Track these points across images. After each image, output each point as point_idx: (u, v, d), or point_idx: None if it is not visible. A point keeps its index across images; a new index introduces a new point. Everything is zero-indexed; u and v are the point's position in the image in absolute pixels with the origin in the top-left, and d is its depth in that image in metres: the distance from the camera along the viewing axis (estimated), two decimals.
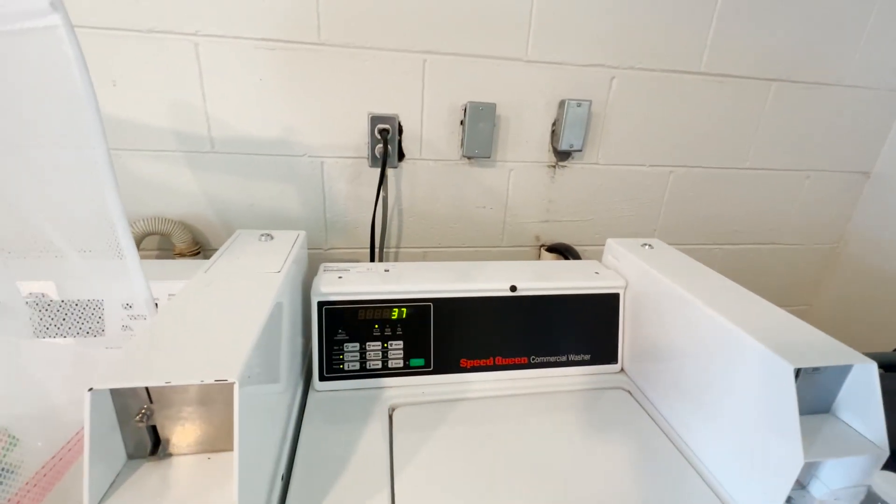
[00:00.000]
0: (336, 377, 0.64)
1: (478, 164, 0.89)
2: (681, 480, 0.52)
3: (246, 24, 0.72)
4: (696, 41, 0.87)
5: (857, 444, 0.44)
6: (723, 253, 1.09)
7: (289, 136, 0.81)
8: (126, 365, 0.35)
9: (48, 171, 0.44)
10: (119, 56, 0.71)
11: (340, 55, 0.77)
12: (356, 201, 0.87)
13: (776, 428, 0.44)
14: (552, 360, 0.69)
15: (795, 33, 0.90)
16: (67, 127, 0.43)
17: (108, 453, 0.35)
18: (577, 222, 0.98)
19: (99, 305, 0.56)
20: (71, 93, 0.42)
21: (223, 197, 0.83)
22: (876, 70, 0.97)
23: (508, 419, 0.61)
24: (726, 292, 0.59)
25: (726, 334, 0.51)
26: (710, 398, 0.54)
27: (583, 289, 0.70)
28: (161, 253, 0.85)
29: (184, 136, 0.78)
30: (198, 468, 0.37)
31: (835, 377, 0.47)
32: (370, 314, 0.64)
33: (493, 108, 0.83)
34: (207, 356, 0.37)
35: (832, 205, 1.10)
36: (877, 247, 1.07)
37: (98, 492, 0.34)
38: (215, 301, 0.47)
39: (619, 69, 0.87)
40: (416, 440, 0.56)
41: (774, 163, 1.02)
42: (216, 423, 0.38)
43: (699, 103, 0.92)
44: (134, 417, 0.36)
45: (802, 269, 1.16)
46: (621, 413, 0.64)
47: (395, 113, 0.82)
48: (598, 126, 0.90)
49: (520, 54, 0.82)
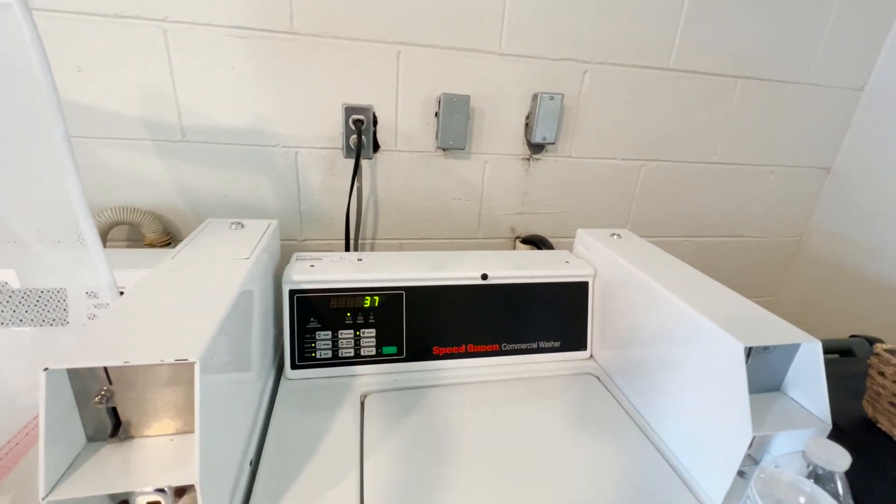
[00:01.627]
0: (308, 365, 0.64)
1: (453, 156, 0.90)
2: (642, 459, 0.54)
3: (216, 10, 0.72)
4: (664, 38, 0.89)
5: (802, 419, 0.46)
6: (693, 245, 1.12)
7: (262, 126, 0.80)
8: (84, 345, 0.35)
9: (6, 156, 0.43)
10: (84, 41, 0.69)
11: (314, 45, 0.76)
12: (331, 192, 0.87)
13: (728, 404, 0.46)
14: (523, 347, 0.71)
15: (760, 32, 0.93)
16: (25, 111, 0.43)
17: (66, 435, 0.35)
18: (551, 214, 1.00)
19: (62, 294, 0.55)
20: (28, 76, 0.41)
21: (195, 187, 0.82)
22: (836, 69, 1.01)
23: (479, 405, 0.62)
24: (687, 279, 0.61)
25: (684, 317, 0.53)
26: (669, 379, 0.56)
27: (553, 277, 0.71)
28: (131, 243, 0.83)
29: (153, 124, 0.76)
30: (160, 449, 0.37)
31: (784, 357, 0.50)
32: (342, 302, 0.65)
33: (468, 99, 0.84)
34: (169, 337, 0.37)
35: (796, 199, 1.14)
36: (837, 240, 1.11)
37: (55, 474, 0.33)
38: (180, 286, 0.47)
39: (591, 64, 0.88)
40: (387, 426, 0.57)
41: (741, 158, 1.05)
42: (179, 405, 0.38)
43: (669, 98, 0.95)
44: (93, 399, 0.35)
45: (768, 262, 1.20)
46: (588, 398, 0.65)
47: (370, 104, 0.82)
48: (571, 119, 0.92)
49: (493, 47, 0.83)
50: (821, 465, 0.32)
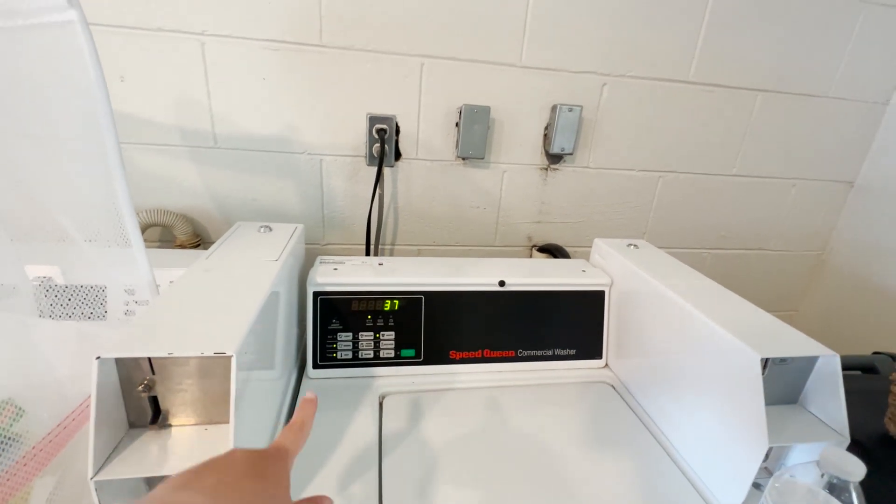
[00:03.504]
0: (329, 365, 0.66)
1: (472, 165, 0.92)
2: (657, 468, 0.55)
3: (251, 25, 0.75)
4: (685, 51, 0.90)
5: (820, 432, 0.46)
6: (712, 257, 1.12)
7: (290, 134, 0.84)
8: (131, 337, 0.37)
9: (62, 159, 0.47)
10: (128, 53, 0.74)
11: (341, 57, 0.80)
12: (353, 199, 0.90)
13: (744, 415, 0.46)
14: (539, 354, 0.72)
15: (781, 46, 0.93)
16: (80, 118, 0.46)
17: (112, 421, 0.37)
18: (568, 224, 1.01)
19: (102, 290, 0.58)
20: (84, 85, 0.44)
21: (224, 191, 0.85)
22: (859, 83, 1.00)
23: (495, 410, 0.63)
24: (704, 290, 0.61)
25: (700, 327, 0.53)
26: (685, 390, 0.56)
27: (570, 285, 0.72)
28: (162, 244, 0.87)
29: (188, 131, 0.80)
30: (195, 438, 0.40)
31: (802, 369, 0.50)
32: (364, 305, 0.67)
33: (488, 110, 0.86)
34: (207, 332, 0.39)
35: (818, 213, 1.13)
36: (860, 255, 1.10)
37: (101, 456, 0.36)
38: (215, 285, 0.50)
39: (611, 76, 0.90)
40: (404, 427, 0.58)
41: (761, 171, 1.05)
42: (214, 397, 0.40)
43: (688, 111, 0.95)
44: (137, 387, 0.38)
45: (789, 275, 1.19)
46: (603, 406, 0.66)
47: (393, 114, 0.85)
48: (589, 131, 0.93)
49: (514, 60, 0.85)
50: (835, 475, 0.33)
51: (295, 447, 0.33)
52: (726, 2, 0.88)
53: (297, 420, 0.35)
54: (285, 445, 0.33)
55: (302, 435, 0.35)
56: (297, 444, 0.34)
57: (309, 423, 0.36)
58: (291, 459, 0.33)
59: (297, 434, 0.34)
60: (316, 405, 0.37)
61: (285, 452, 0.32)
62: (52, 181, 0.49)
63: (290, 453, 0.33)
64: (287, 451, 0.32)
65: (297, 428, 0.34)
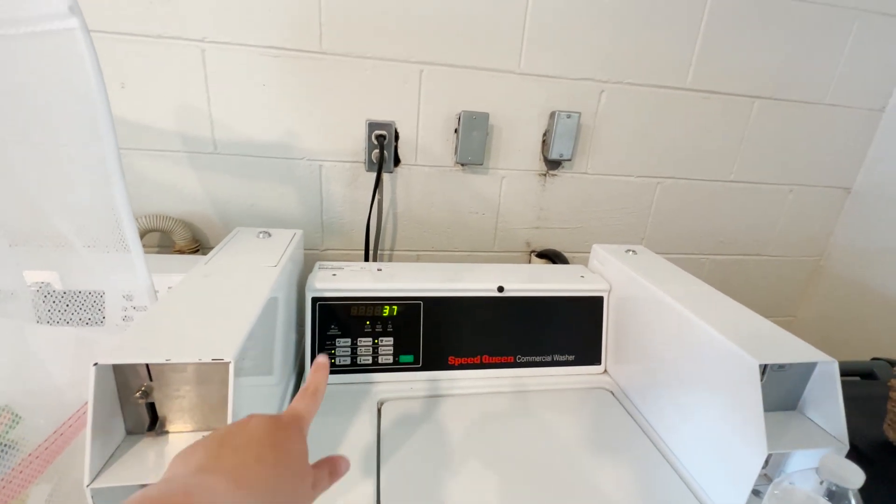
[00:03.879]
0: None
1: (471, 171, 0.92)
2: (656, 475, 0.55)
3: (252, 32, 0.76)
4: (682, 58, 0.91)
5: (819, 438, 0.46)
6: (710, 263, 1.12)
7: (289, 140, 0.84)
8: (128, 344, 0.37)
9: (62, 164, 0.47)
10: (128, 59, 0.74)
11: (341, 64, 0.80)
12: (352, 204, 0.90)
13: (743, 421, 0.46)
14: (537, 359, 0.72)
15: (777, 53, 0.94)
16: (80, 123, 0.46)
17: (109, 428, 0.37)
18: (566, 230, 1.01)
19: (100, 296, 0.58)
20: (85, 92, 0.44)
21: (224, 197, 0.85)
22: (854, 90, 1.01)
23: (494, 416, 0.63)
24: (703, 296, 0.61)
25: (699, 333, 0.53)
26: (684, 396, 0.56)
27: (568, 291, 0.72)
28: (161, 249, 0.87)
29: (187, 137, 0.80)
30: None
31: (800, 376, 0.50)
32: (362, 311, 0.67)
33: (487, 117, 0.86)
34: (205, 338, 0.39)
35: (815, 219, 1.13)
36: (858, 261, 1.10)
37: (98, 464, 0.36)
38: (213, 291, 0.50)
39: (609, 83, 0.90)
40: (403, 433, 0.58)
41: (758, 176, 1.05)
42: (211, 403, 0.40)
43: (685, 117, 0.96)
44: (134, 394, 0.38)
45: (787, 281, 1.19)
46: (602, 412, 0.66)
47: (392, 120, 0.85)
48: (588, 137, 0.94)
49: (512, 67, 0.86)
50: (834, 482, 0.33)
51: (309, 413, 0.33)
52: (722, 10, 0.89)
53: (310, 385, 0.35)
54: (300, 411, 0.32)
55: (315, 400, 0.34)
56: (312, 410, 0.33)
57: (322, 388, 0.35)
58: (307, 425, 0.32)
59: (311, 399, 0.34)
60: (328, 369, 0.37)
61: (300, 419, 0.32)
62: (52, 186, 0.49)
63: (306, 419, 0.32)
64: (302, 417, 0.32)
65: (311, 393, 0.34)
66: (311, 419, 0.33)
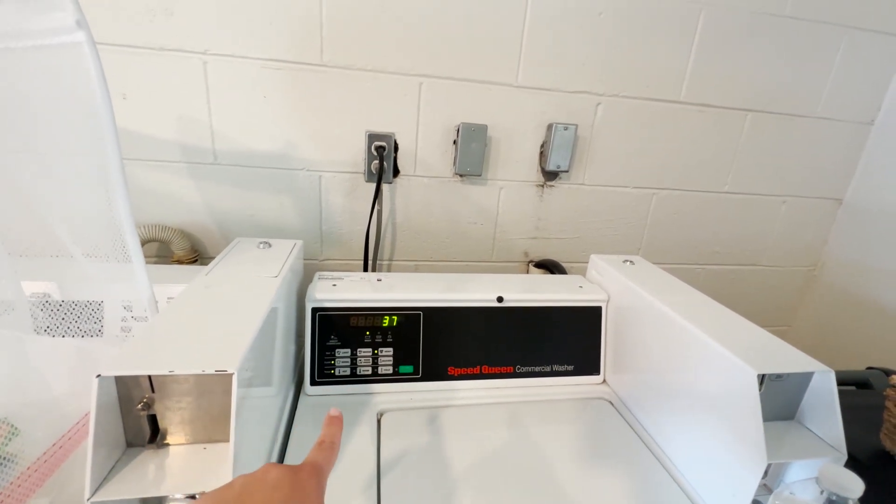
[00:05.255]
0: (327, 382, 0.66)
1: (469, 182, 0.93)
2: (656, 485, 0.55)
3: (254, 45, 0.77)
4: (675, 72, 0.93)
5: (817, 448, 0.46)
6: (705, 273, 1.13)
7: (289, 151, 0.84)
8: (131, 355, 0.37)
9: (64, 174, 0.47)
10: (131, 71, 0.75)
11: (341, 76, 0.81)
12: (351, 214, 0.91)
13: (742, 431, 0.46)
14: (537, 370, 0.72)
15: (768, 68, 0.96)
16: (84, 134, 0.46)
17: (110, 440, 0.37)
18: (564, 240, 1.02)
19: (99, 306, 0.58)
20: (90, 104, 0.45)
21: (223, 207, 0.86)
22: (844, 103, 1.03)
23: (494, 427, 0.63)
24: (700, 306, 0.62)
25: (697, 343, 0.54)
26: (683, 406, 0.57)
27: (567, 301, 0.73)
28: (159, 259, 0.87)
29: (188, 147, 0.81)
30: (193, 457, 0.39)
31: (797, 386, 0.50)
32: (362, 321, 0.67)
33: (485, 129, 0.88)
34: (208, 349, 0.39)
35: (808, 229, 1.15)
36: (852, 270, 1.11)
37: (99, 476, 0.35)
38: (215, 302, 0.50)
39: (605, 96, 0.92)
40: (403, 444, 0.58)
41: (752, 188, 1.07)
42: (213, 415, 0.40)
43: (680, 130, 0.98)
44: (136, 406, 0.38)
45: (783, 291, 1.20)
46: (602, 422, 0.66)
47: (392, 131, 0.86)
48: (584, 149, 0.95)
49: (510, 80, 0.87)
50: (835, 492, 0.33)
51: (328, 465, 0.33)
52: (715, 26, 0.91)
53: (326, 438, 0.35)
54: (319, 463, 0.32)
55: (333, 453, 0.34)
56: (330, 462, 0.33)
57: (338, 442, 0.35)
58: (325, 479, 0.32)
59: (329, 452, 0.34)
60: (342, 422, 0.37)
61: (319, 470, 0.31)
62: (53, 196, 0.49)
63: (324, 472, 0.32)
64: (321, 469, 0.32)
65: (328, 446, 0.34)
66: (330, 472, 0.33)
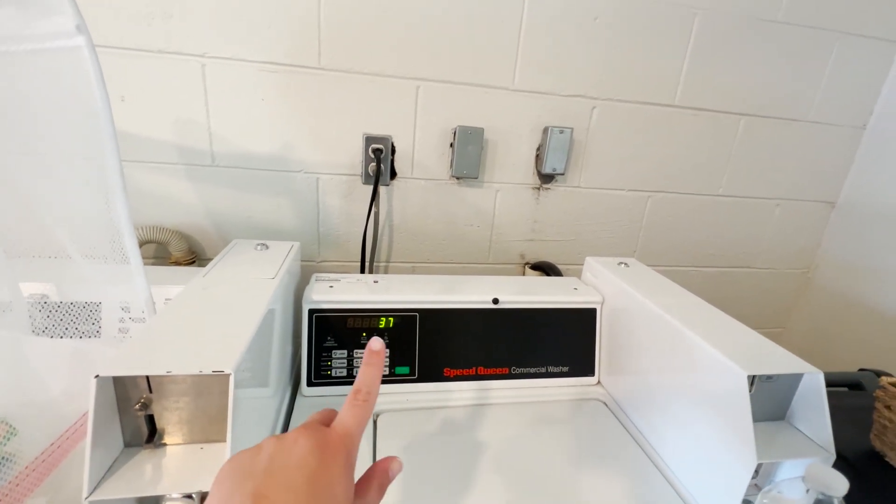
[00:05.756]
0: (324, 383, 0.66)
1: (466, 185, 0.94)
2: (648, 485, 0.55)
3: (252, 48, 0.77)
4: (670, 77, 0.94)
5: (806, 448, 0.47)
6: (700, 275, 1.14)
7: (287, 153, 0.85)
8: (129, 356, 0.38)
9: (65, 177, 0.48)
10: (129, 73, 0.75)
11: (339, 79, 0.82)
12: (349, 216, 0.91)
13: (733, 431, 0.47)
14: (532, 371, 0.72)
15: (762, 72, 0.98)
16: (83, 136, 0.47)
17: (108, 440, 0.37)
18: (560, 242, 1.03)
19: (96, 307, 0.58)
20: (90, 107, 0.45)
21: (221, 209, 0.86)
22: (837, 108, 1.04)
23: (489, 427, 0.63)
24: (693, 309, 0.63)
25: (690, 345, 0.54)
26: (675, 407, 0.57)
27: (562, 303, 0.73)
28: (157, 261, 0.87)
29: (186, 149, 0.81)
30: (191, 457, 0.39)
31: (787, 387, 0.51)
32: (359, 323, 0.67)
33: (482, 132, 0.88)
34: (205, 350, 0.39)
35: (802, 232, 1.16)
36: (845, 273, 1.12)
37: (97, 475, 0.36)
38: (213, 303, 0.50)
39: (600, 100, 0.93)
40: (399, 445, 0.58)
41: (746, 191, 1.08)
42: (210, 415, 0.40)
43: (674, 134, 0.99)
44: (133, 406, 0.38)
45: (776, 293, 1.21)
46: (596, 423, 0.66)
47: (389, 134, 0.87)
48: (580, 152, 0.96)
49: (507, 83, 0.88)
50: (820, 490, 0.34)
51: (360, 427, 0.28)
52: (709, 31, 0.92)
53: (361, 386, 0.29)
54: (350, 428, 0.27)
55: (367, 408, 0.28)
56: (363, 422, 0.28)
57: (375, 391, 0.29)
58: (356, 446, 0.28)
59: (363, 408, 0.28)
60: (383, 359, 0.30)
61: (350, 438, 0.27)
62: (52, 197, 0.50)
63: (356, 437, 0.27)
64: (352, 436, 0.27)
65: (363, 399, 0.28)
66: (362, 433, 0.28)
